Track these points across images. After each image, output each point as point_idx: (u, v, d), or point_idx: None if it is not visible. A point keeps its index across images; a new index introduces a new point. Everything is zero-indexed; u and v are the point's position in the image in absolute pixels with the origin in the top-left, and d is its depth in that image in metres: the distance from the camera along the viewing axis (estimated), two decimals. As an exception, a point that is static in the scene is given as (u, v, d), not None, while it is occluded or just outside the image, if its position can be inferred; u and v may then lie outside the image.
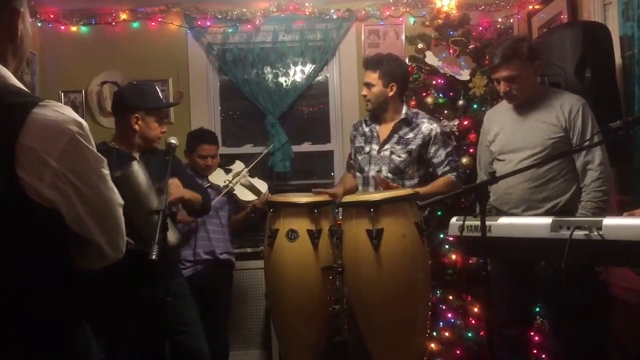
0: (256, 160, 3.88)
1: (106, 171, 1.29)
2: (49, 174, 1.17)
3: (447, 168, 2.98)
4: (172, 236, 2.40)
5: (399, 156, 2.99)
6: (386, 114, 3.06)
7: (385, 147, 3.03)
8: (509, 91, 2.77)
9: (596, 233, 1.82)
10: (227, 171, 3.71)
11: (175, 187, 2.52)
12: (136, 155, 2.64)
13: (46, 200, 1.19)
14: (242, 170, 3.70)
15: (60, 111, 1.21)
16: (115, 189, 1.33)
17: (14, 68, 1.30)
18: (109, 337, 2.58)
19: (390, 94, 3.00)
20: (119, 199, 1.34)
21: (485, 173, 2.98)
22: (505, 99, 2.86)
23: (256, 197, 3.62)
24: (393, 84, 2.99)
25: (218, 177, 3.63)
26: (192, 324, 2.68)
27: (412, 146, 2.98)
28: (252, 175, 3.76)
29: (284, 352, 2.74)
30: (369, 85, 3.02)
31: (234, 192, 3.59)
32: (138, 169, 2.39)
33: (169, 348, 2.46)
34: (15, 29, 1.29)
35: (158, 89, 2.71)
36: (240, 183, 3.63)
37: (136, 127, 2.62)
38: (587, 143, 2.60)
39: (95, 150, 1.26)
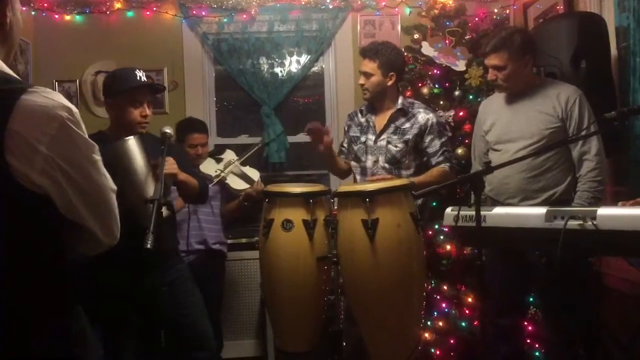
0: (249, 154, 3.88)
1: (97, 157, 1.29)
2: (39, 160, 1.17)
3: (441, 158, 2.99)
4: (150, 190, 2.37)
5: (396, 146, 2.99)
6: (383, 104, 3.06)
7: (382, 137, 3.03)
8: (494, 79, 2.83)
9: (590, 223, 1.82)
10: (218, 160, 3.71)
11: (170, 164, 2.47)
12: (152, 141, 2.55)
13: (37, 187, 1.18)
14: (234, 160, 3.70)
15: (49, 97, 1.20)
16: (107, 175, 1.32)
17: (3, 56, 1.29)
18: (109, 327, 2.59)
19: (389, 83, 2.99)
20: (111, 184, 1.34)
21: (480, 163, 2.98)
22: (496, 87, 2.92)
23: (249, 186, 3.62)
24: (392, 73, 2.98)
25: (209, 167, 3.63)
26: (195, 307, 2.68)
27: (409, 136, 2.98)
28: (243, 164, 3.76)
29: (279, 342, 2.75)
30: (367, 75, 3.00)
31: (226, 182, 3.59)
32: (134, 144, 2.35)
33: (175, 333, 2.48)
34: (4, 16, 1.28)
35: (138, 73, 2.57)
36: (232, 172, 3.63)
37: (112, 113, 2.62)
38: (583, 133, 2.61)
39: (86, 135, 1.26)
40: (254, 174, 3.72)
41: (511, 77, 2.77)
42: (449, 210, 2.35)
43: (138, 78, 2.57)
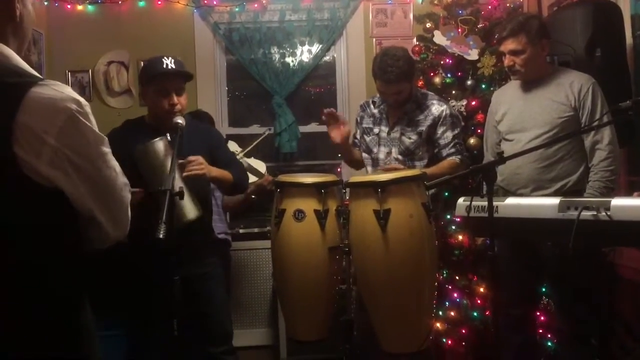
0: (253, 145, 3.87)
1: (107, 149, 1.29)
2: (47, 152, 1.17)
3: (453, 150, 2.97)
4: (190, 212, 2.41)
5: (409, 138, 2.98)
6: None
7: (395, 128, 3.02)
8: (512, 65, 2.77)
9: (604, 213, 1.81)
10: None
11: (198, 165, 2.48)
12: (168, 132, 2.57)
13: (45, 179, 1.18)
14: (238, 152, 3.70)
15: (58, 89, 1.20)
16: (117, 168, 1.32)
17: (16, 47, 1.30)
18: (136, 318, 2.63)
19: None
20: (121, 177, 1.33)
21: (492, 153, 2.97)
22: (509, 73, 2.85)
23: (257, 178, 3.63)
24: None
25: None
26: (215, 305, 2.71)
27: (422, 127, 2.97)
28: (247, 156, 3.76)
29: (291, 331, 2.76)
30: (400, 93, 2.94)
31: None
32: (159, 146, 2.37)
33: (192, 327, 2.50)
34: (13, 9, 1.28)
35: (165, 60, 2.56)
36: None
37: (146, 101, 2.66)
38: (596, 123, 2.58)
39: (95, 128, 1.26)
40: (261, 166, 3.71)
41: (529, 61, 2.73)
42: (461, 200, 2.35)
43: (164, 66, 2.56)
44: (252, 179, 3.63)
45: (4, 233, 1.19)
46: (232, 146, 3.79)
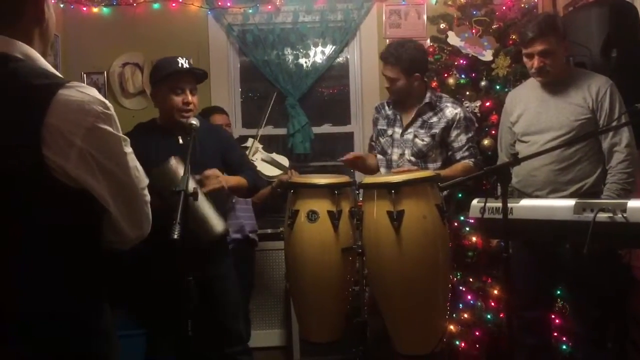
0: (261, 127, 3.86)
1: (129, 150, 1.31)
2: (75, 153, 1.20)
3: (467, 153, 2.96)
4: (218, 225, 2.43)
5: (422, 140, 2.97)
6: (410, 100, 3.03)
7: (409, 130, 3.01)
8: (542, 67, 2.68)
9: (620, 215, 1.80)
10: (244, 149, 3.73)
11: (214, 179, 2.50)
12: (180, 133, 2.60)
13: (73, 180, 1.21)
14: (253, 144, 3.71)
15: (85, 92, 1.23)
16: (139, 168, 1.34)
17: (41, 50, 1.33)
18: (152, 318, 2.64)
19: (416, 83, 2.96)
20: (143, 178, 1.36)
21: (507, 154, 2.95)
22: (538, 75, 2.74)
23: (280, 172, 3.64)
24: (417, 74, 2.94)
25: None
26: (229, 306, 2.72)
27: (436, 130, 2.96)
28: (269, 151, 3.78)
29: (304, 332, 2.76)
30: (391, 80, 2.96)
31: (257, 169, 3.60)
32: (175, 165, 2.38)
33: (205, 328, 2.50)
34: (42, 12, 1.32)
35: (180, 60, 2.58)
36: (261, 159, 3.65)
37: (156, 103, 2.65)
38: (613, 124, 2.55)
39: (119, 130, 1.28)
40: (284, 160, 3.75)
41: (558, 62, 2.69)
42: (475, 202, 2.33)
43: (180, 65, 2.58)
44: (276, 172, 3.64)
45: (33, 234, 1.21)
46: (250, 142, 3.81)
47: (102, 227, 1.31)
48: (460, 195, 3.28)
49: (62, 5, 4.17)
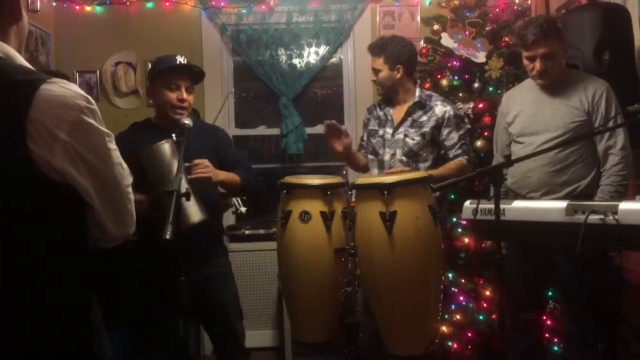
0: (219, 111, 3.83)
1: (113, 146, 1.31)
2: (59, 147, 1.20)
3: (459, 151, 2.97)
4: (195, 215, 2.42)
5: (413, 139, 2.97)
6: (398, 97, 3.05)
7: (399, 130, 3.02)
8: (544, 69, 2.68)
9: (612, 217, 1.80)
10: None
11: (204, 167, 2.49)
12: (175, 132, 2.57)
13: (58, 174, 1.21)
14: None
15: (67, 87, 1.24)
16: (123, 165, 1.35)
17: (17, 47, 1.33)
18: (138, 320, 2.63)
19: (398, 76, 2.98)
20: (127, 175, 1.36)
21: (502, 155, 2.95)
22: (540, 78, 2.73)
23: None
24: (399, 66, 2.97)
25: None
26: (224, 307, 2.71)
27: (426, 129, 2.96)
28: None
29: (296, 333, 2.76)
30: (375, 71, 3.03)
31: None
32: (165, 148, 2.38)
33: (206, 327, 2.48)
34: (19, 9, 1.33)
35: (178, 57, 2.59)
36: None
37: (152, 100, 2.65)
38: (609, 125, 2.56)
39: (103, 125, 1.28)
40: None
41: (559, 64, 2.71)
42: (467, 203, 2.34)
43: (177, 62, 2.58)
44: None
45: (18, 229, 1.21)
46: None
47: (87, 223, 1.30)
48: (452, 196, 3.28)
49: (54, 4, 4.16)
